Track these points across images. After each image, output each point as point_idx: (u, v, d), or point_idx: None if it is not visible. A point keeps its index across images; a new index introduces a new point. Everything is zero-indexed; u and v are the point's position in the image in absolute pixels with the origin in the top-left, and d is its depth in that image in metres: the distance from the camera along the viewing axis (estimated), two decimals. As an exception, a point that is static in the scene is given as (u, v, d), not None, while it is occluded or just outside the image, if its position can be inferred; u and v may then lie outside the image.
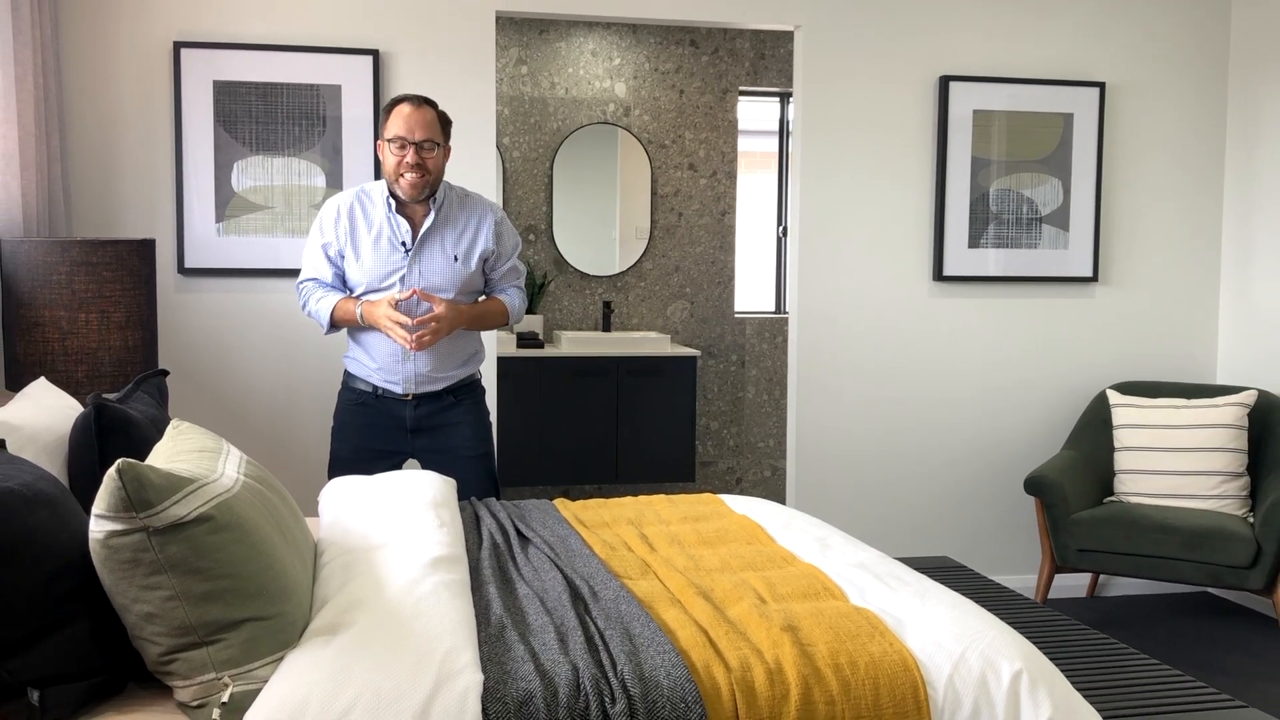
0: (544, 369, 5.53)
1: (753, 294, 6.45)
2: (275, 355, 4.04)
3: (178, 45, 3.88)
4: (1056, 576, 4.53)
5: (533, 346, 5.62)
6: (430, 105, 3.19)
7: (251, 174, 3.97)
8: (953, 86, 4.49)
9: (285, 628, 1.78)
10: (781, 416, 6.25)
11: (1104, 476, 4.45)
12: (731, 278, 6.19)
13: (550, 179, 5.97)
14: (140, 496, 1.66)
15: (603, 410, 5.59)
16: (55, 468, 2.28)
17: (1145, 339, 4.78)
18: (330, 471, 3.29)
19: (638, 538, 2.60)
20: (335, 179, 4.01)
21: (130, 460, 1.68)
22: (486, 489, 3.31)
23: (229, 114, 3.94)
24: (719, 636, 1.94)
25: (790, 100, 6.23)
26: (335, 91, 4.00)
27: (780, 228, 6.46)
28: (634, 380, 5.61)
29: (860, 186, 4.49)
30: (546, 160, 5.97)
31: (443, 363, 3.29)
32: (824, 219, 4.47)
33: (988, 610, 2.15)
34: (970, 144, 4.53)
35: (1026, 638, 2.05)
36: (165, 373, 2.94)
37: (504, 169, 5.88)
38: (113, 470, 1.66)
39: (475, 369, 3.40)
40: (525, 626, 1.98)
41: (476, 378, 3.42)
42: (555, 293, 6.02)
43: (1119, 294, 4.75)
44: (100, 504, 1.67)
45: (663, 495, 3.05)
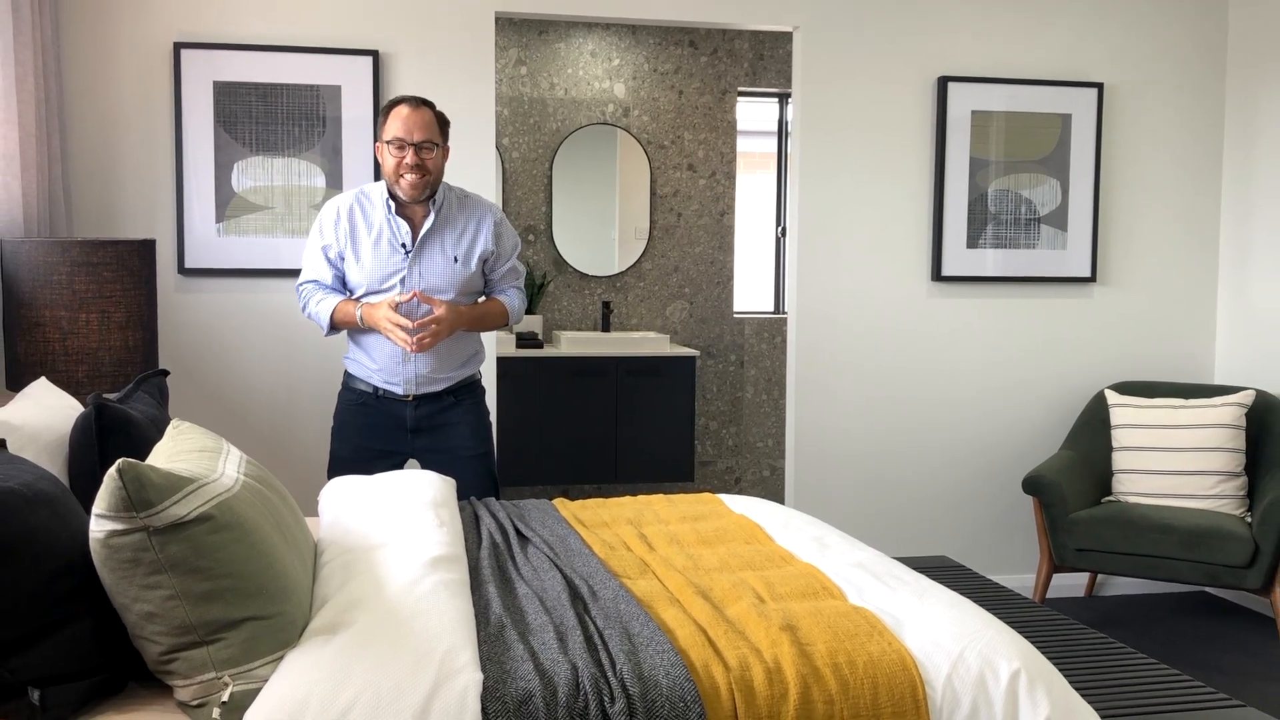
0: (543, 369, 5.54)
1: (751, 294, 6.46)
2: (275, 355, 4.04)
3: (178, 46, 3.89)
4: (1055, 576, 4.54)
5: (532, 346, 5.63)
6: (428, 106, 3.19)
7: (251, 174, 3.98)
8: (951, 87, 4.50)
9: (285, 627, 1.79)
10: (780, 416, 6.26)
11: (1102, 476, 4.46)
12: (730, 278, 6.20)
13: (549, 179, 5.98)
14: (141, 496, 1.66)
15: (602, 410, 5.59)
16: (56, 467, 2.28)
17: (1143, 339, 4.79)
18: (330, 471, 3.29)
19: (637, 537, 2.60)
20: (335, 179, 4.02)
21: (131, 460, 1.69)
22: (486, 489, 3.32)
23: (229, 114, 3.94)
24: (718, 636, 1.94)
25: (789, 101, 6.24)
26: (335, 92, 4.00)
27: (779, 228, 6.47)
28: (633, 380, 5.61)
29: (859, 187, 4.49)
30: (546, 161, 5.97)
31: (443, 363, 3.29)
32: (823, 219, 4.48)
33: (986, 610, 2.16)
34: (968, 144, 4.53)
35: (1025, 637, 2.06)
36: (165, 373, 2.95)
37: (503, 169, 5.88)
38: (113, 470, 1.66)
39: (475, 369, 3.41)
40: (524, 626, 1.98)
41: (476, 378, 3.43)
42: (554, 293, 6.02)
43: (1117, 294, 4.75)
44: (101, 504, 1.67)
45: (662, 495, 3.05)
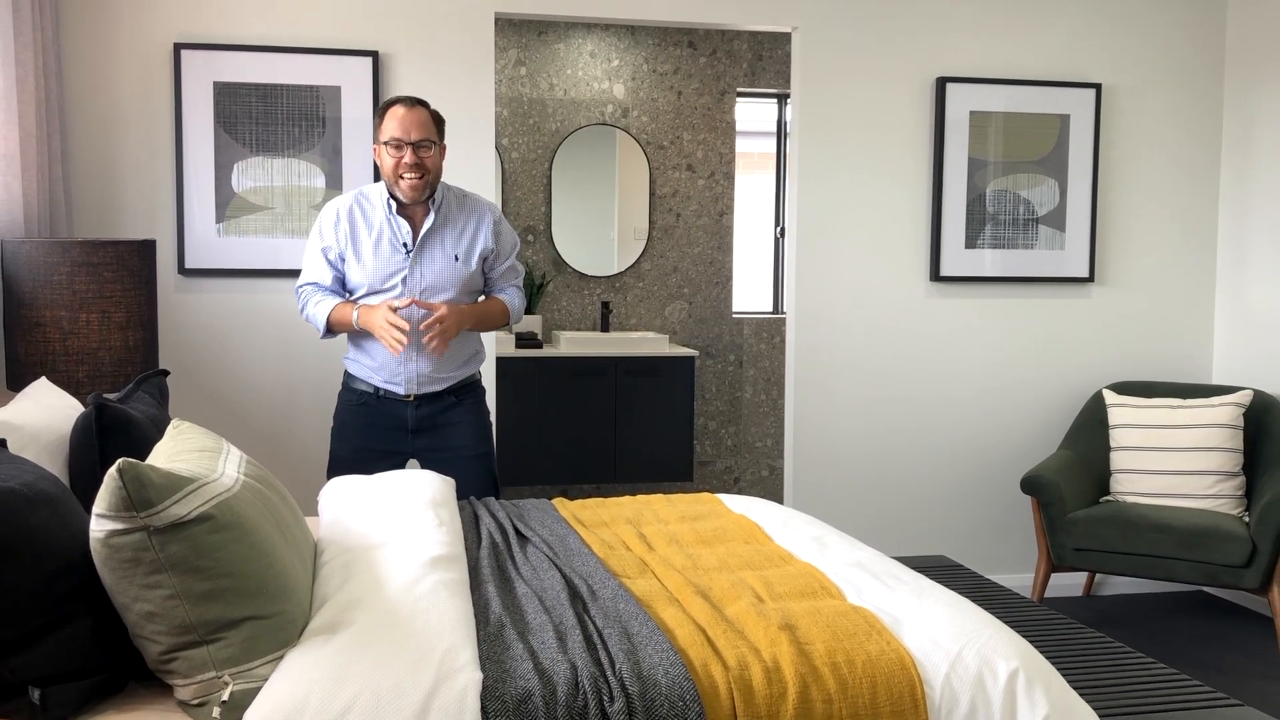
0: (543, 369, 5.54)
1: (750, 294, 6.46)
2: (275, 355, 4.05)
3: (178, 46, 3.89)
4: (1053, 575, 4.54)
5: (531, 347, 5.63)
6: (423, 105, 3.20)
7: (251, 175, 3.98)
8: (949, 88, 4.50)
9: (285, 626, 1.79)
10: (779, 416, 6.26)
11: (1100, 476, 4.46)
12: (729, 278, 6.20)
13: (549, 180, 5.98)
14: (141, 496, 1.67)
15: (601, 410, 5.60)
16: (56, 467, 2.28)
17: (1141, 339, 4.79)
18: (330, 472, 3.28)
19: (636, 537, 2.61)
20: (335, 180, 4.02)
21: (131, 460, 1.69)
22: (487, 488, 3.32)
23: (229, 115, 3.95)
24: (717, 635, 1.95)
25: (788, 101, 6.24)
26: (335, 93, 4.01)
27: (778, 228, 6.47)
28: (632, 380, 5.62)
29: (857, 187, 4.50)
30: (545, 161, 5.98)
31: (444, 363, 3.29)
32: (821, 220, 4.48)
33: (984, 609, 2.16)
34: (967, 145, 4.54)
35: (1023, 636, 2.06)
36: (166, 373, 2.95)
37: (503, 170, 5.89)
38: (113, 470, 1.67)
39: (476, 369, 3.41)
40: (524, 625, 1.98)
41: (477, 378, 3.43)
42: (554, 293, 6.02)
43: (1115, 294, 4.76)
44: (101, 503, 1.67)
45: (661, 495, 3.06)
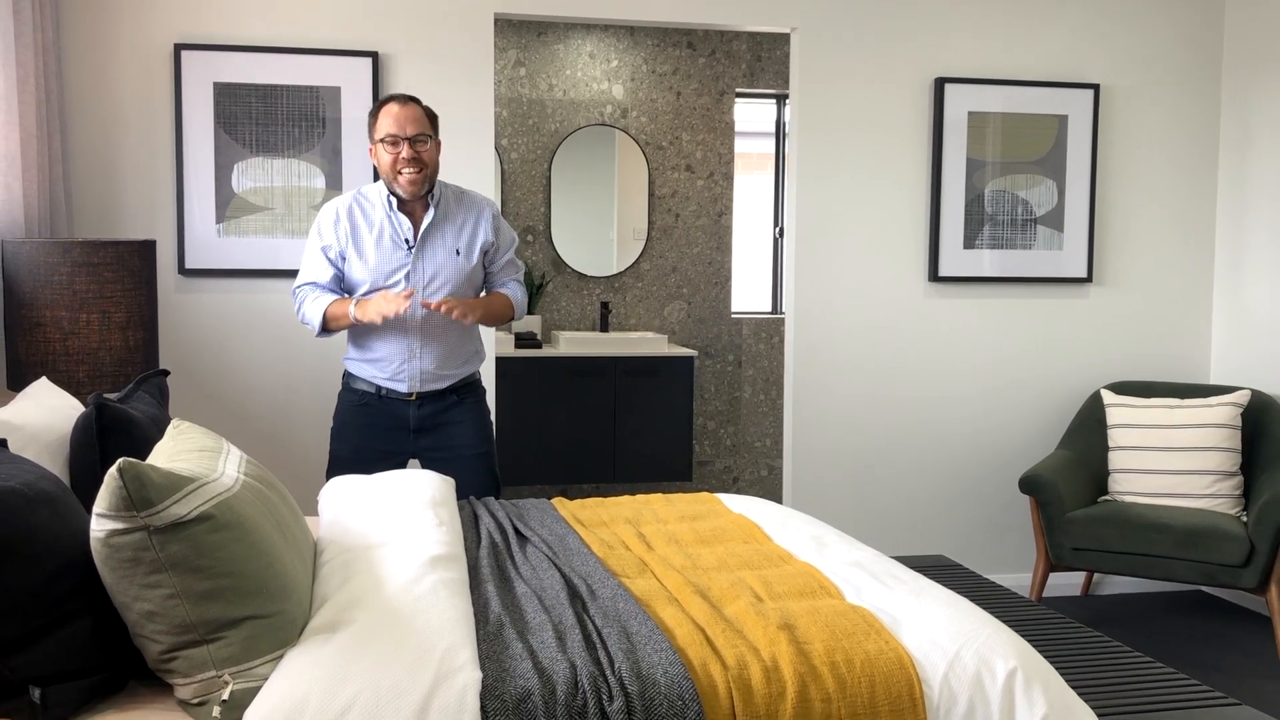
0: (542, 369, 5.54)
1: (749, 294, 6.47)
2: (275, 355, 4.05)
3: (178, 47, 3.90)
4: (1051, 575, 4.55)
5: (531, 347, 5.64)
6: (415, 101, 3.23)
7: (251, 175, 3.99)
8: (948, 88, 4.51)
9: (285, 626, 1.80)
10: (778, 416, 6.26)
11: (1098, 476, 4.47)
12: (728, 278, 6.21)
13: (548, 180, 5.98)
14: (141, 495, 1.67)
15: (600, 410, 5.60)
16: (57, 467, 2.29)
17: (1139, 339, 4.80)
18: (330, 473, 3.27)
19: (635, 536, 2.61)
20: (335, 180, 4.03)
21: (131, 459, 1.69)
22: (488, 487, 3.33)
23: (229, 115, 3.95)
24: (716, 635, 1.95)
25: (786, 102, 6.23)
26: (335, 93, 4.01)
27: (777, 229, 6.47)
28: (631, 380, 5.62)
29: (856, 188, 4.50)
30: (544, 162, 5.98)
31: (448, 360, 3.30)
32: (820, 220, 4.49)
33: (983, 609, 2.16)
34: (965, 145, 4.54)
35: (1021, 636, 2.06)
36: (166, 373, 2.96)
37: (502, 170, 5.89)
38: (114, 469, 1.67)
39: (476, 368, 3.42)
40: (523, 625, 1.99)
41: (477, 377, 3.44)
42: (553, 293, 6.03)
43: (1113, 294, 4.77)
44: (101, 503, 1.68)
45: (660, 494, 3.06)
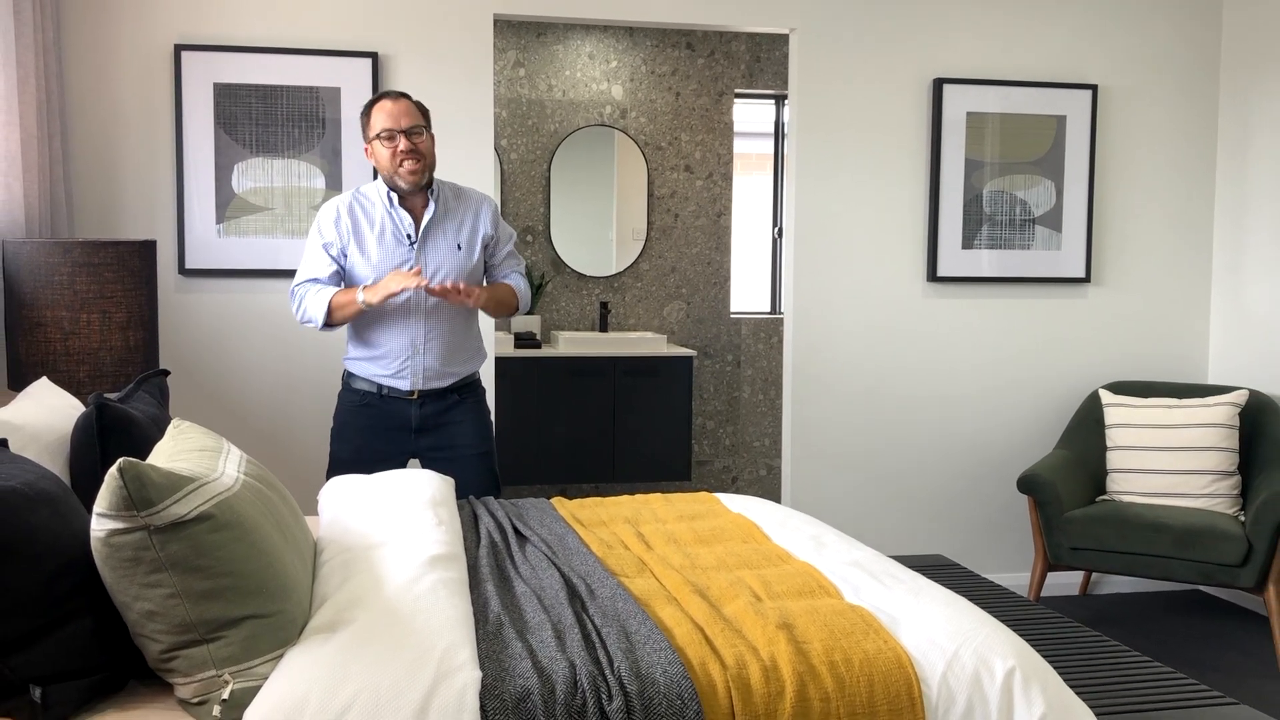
0: (541, 369, 5.55)
1: (748, 295, 6.47)
2: (275, 355, 4.05)
3: (178, 48, 3.90)
4: (1049, 575, 4.55)
5: (530, 346, 5.64)
6: (405, 96, 3.25)
7: (251, 176, 3.99)
8: (946, 89, 4.51)
9: (285, 625, 1.80)
10: (777, 416, 6.27)
11: (1096, 475, 4.48)
12: (727, 278, 6.21)
13: (548, 181, 5.99)
14: (141, 495, 1.67)
15: (600, 410, 5.60)
16: (57, 467, 2.29)
17: (1137, 339, 4.80)
18: (330, 474, 3.26)
19: (634, 536, 2.61)
20: (335, 180, 4.03)
21: (131, 459, 1.69)
22: (489, 487, 3.33)
23: (229, 116, 3.95)
24: (715, 634, 1.95)
25: (785, 102, 6.25)
26: (334, 94, 4.02)
27: (775, 229, 6.48)
28: (631, 380, 5.63)
29: (855, 188, 4.51)
30: (544, 162, 5.99)
31: (450, 358, 3.31)
32: (819, 220, 4.49)
33: (981, 608, 2.16)
34: (964, 146, 4.55)
35: (1020, 635, 2.06)
36: (166, 373, 2.96)
37: (502, 171, 5.90)
38: (114, 469, 1.67)
39: (477, 367, 3.43)
40: (523, 624, 1.99)
41: (478, 377, 3.45)
42: (553, 293, 6.03)
43: (1111, 295, 4.77)
44: (102, 502, 1.68)
45: (659, 494, 3.06)
